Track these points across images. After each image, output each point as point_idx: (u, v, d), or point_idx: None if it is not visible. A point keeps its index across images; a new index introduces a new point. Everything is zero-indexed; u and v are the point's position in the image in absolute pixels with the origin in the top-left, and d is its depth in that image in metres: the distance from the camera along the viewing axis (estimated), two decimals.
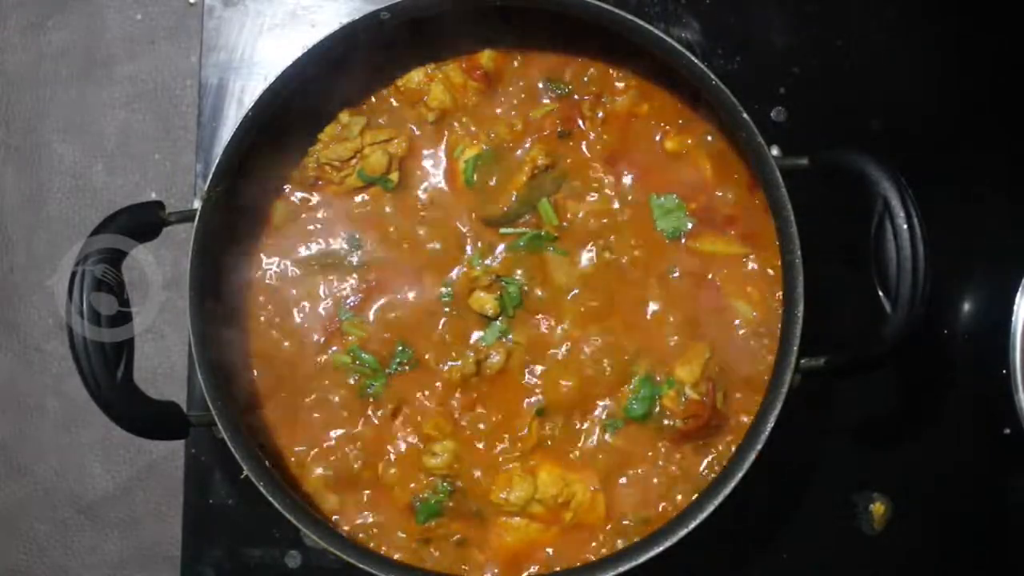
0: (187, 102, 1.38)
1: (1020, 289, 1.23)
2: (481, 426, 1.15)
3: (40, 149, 1.39)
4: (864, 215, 1.02)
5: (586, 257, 1.16)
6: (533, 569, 1.14)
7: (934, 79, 1.31)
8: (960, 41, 1.31)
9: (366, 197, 1.18)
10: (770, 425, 1.06)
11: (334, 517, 1.15)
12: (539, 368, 1.15)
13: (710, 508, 1.06)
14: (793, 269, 1.07)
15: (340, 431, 1.16)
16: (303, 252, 1.18)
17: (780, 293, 1.13)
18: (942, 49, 1.31)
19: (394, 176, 1.17)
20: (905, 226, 1.00)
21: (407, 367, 1.16)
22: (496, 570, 1.15)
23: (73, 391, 1.32)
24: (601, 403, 1.15)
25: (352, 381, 1.16)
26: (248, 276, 1.17)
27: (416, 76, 1.18)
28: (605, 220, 1.17)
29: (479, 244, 1.17)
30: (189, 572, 1.28)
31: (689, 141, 1.17)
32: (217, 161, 1.09)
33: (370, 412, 1.16)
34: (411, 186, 1.18)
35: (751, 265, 1.16)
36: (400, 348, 1.16)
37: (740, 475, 1.06)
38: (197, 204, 1.09)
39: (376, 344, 1.16)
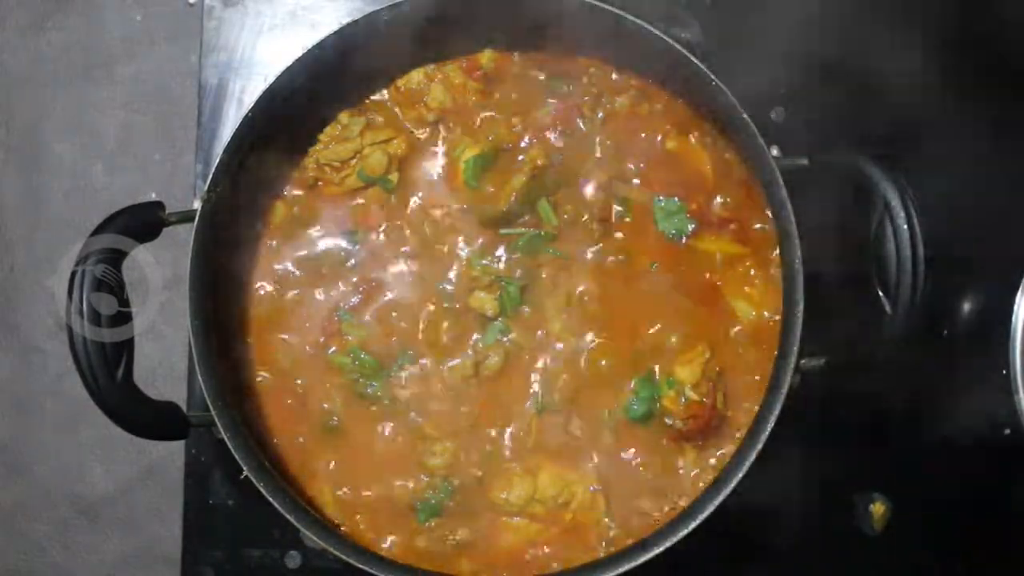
0: (187, 102, 1.38)
1: (1020, 289, 1.23)
2: (481, 426, 1.15)
3: (40, 149, 1.40)
4: (864, 215, 1.02)
5: (585, 258, 1.16)
6: (533, 569, 1.14)
7: (934, 79, 1.31)
8: (961, 42, 1.31)
9: (366, 198, 1.18)
10: (770, 425, 1.06)
11: (334, 517, 1.15)
12: (539, 368, 1.15)
13: (710, 508, 1.06)
14: (793, 269, 1.07)
15: (340, 431, 1.16)
16: (303, 252, 1.18)
17: (780, 293, 1.13)
18: (942, 49, 1.31)
19: (394, 176, 1.17)
20: (905, 226, 1.00)
21: (407, 367, 1.16)
22: (496, 570, 1.15)
23: (73, 391, 1.31)
24: (601, 403, 1.15)
25: (352, 381, 1.16)
26: (248, 276, 1.17)
27: (416, 76, 1.18)
28: (605, 220, 1.17)
29: (479, 244, 1.17)
30: (189, 572, 1.28)
31: (690, 141, 1.18)
32: (217, 161, 1.09)
33: (370, 412, 1.16)
34: (411, 186, 1.18)
35: (751, 265, 1.16)
36: (400, 348, 1.16)
37: (740, 475, 1.06)
38: (197, 204, 1.09)
39: (376, 344, 1.16)
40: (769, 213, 1.12)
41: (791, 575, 1.29)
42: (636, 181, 1.17)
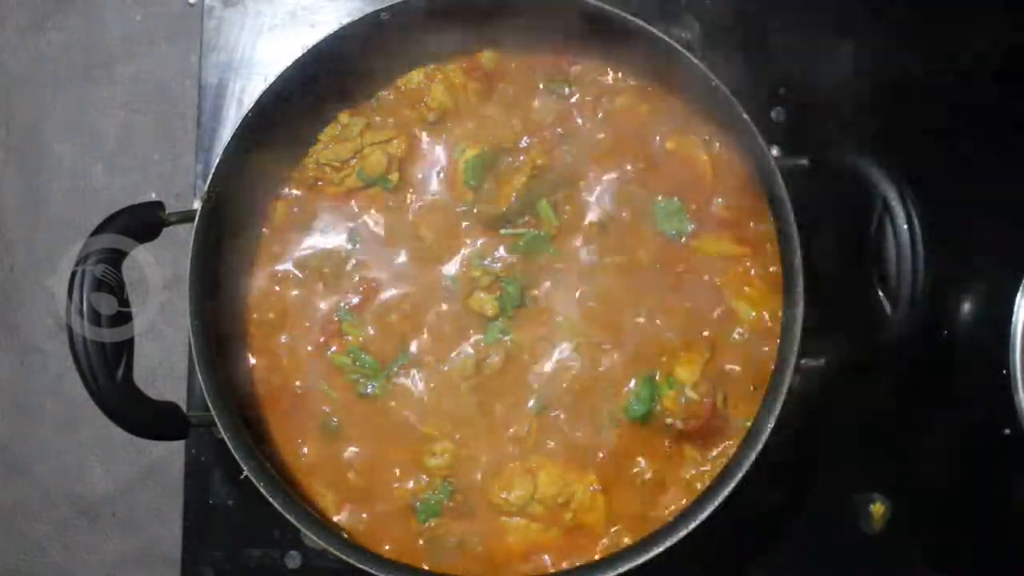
0: (187, 102, 1.38)
1: (1020, 289, 1.22)
2: (481, 426, 1.15)
3: (40, 149, 1.40)
4: (864, 215, 1.02)
5: (585, 258, 1.16)
6: (533, 569, 1.14)
7: (934, 79, 1.31)
8: (960, 41, 1.31)
9: (366, 198, 1.18)
10: (770, 425, 1.06)
11: (334, 517, 1.15)
12: (539, 368, 1.15)
13: (710, 508, 1.06)
14: (793, 269, 1.07)
15: (340, 431, 1.16)
16: (303, 252, 1.18)
17: (780, 293, 1.13)
18: (942, 49, 1.31)
19: (394, 177, 1.17)
20: (905, 226, 1.00)
21: (406, 367, 1.16)
22: (496, 570, 1.15)
23: (73, 391, 1.31)
24: (601, 403, 1.15)
25: (352, 381, 1.16)
26: (248, 276, 1.17)
27: (416, 76, 1.18)
28: (604, 220, 1.17)
29: (479, 244, 1.17)
30: (189, 572, 1.28)
31: (690, 141, 1.17)
32: (217, 161, 1.09)
33: (370, 412, 1.16)
34: (411, 187, 1.18)
35: (751, 266, 1.16)
36: (400, 348, 1.16)
37: (740, 475, 1.06)
38: (197, 204, 1.09)
39: (375, 344, 1.16)
40: (769, 213, 1.12)
41: (791, 575, 1.29)
42: (636, 181, 1.17)
